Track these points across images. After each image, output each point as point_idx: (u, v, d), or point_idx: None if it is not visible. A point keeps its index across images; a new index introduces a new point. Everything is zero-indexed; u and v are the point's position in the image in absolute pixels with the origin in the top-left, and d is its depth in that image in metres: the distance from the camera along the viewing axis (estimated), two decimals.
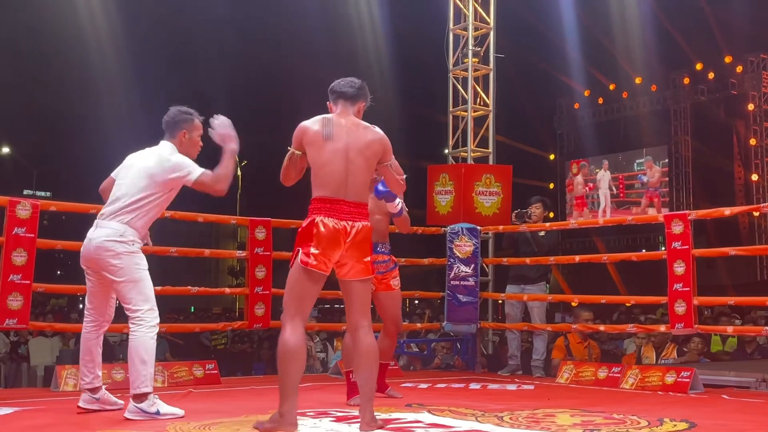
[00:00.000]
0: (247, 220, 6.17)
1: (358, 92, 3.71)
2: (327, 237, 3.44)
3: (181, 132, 4.04)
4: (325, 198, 3.49)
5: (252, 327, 6.18)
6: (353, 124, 3.61)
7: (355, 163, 3.53)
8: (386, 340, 4.83)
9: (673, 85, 18.58)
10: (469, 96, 8.18)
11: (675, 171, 18.32)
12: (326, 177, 3.51)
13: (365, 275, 3.54)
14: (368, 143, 3.58)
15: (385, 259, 4.72)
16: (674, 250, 5.54)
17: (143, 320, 3.83)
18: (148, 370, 3.78)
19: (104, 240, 3.87)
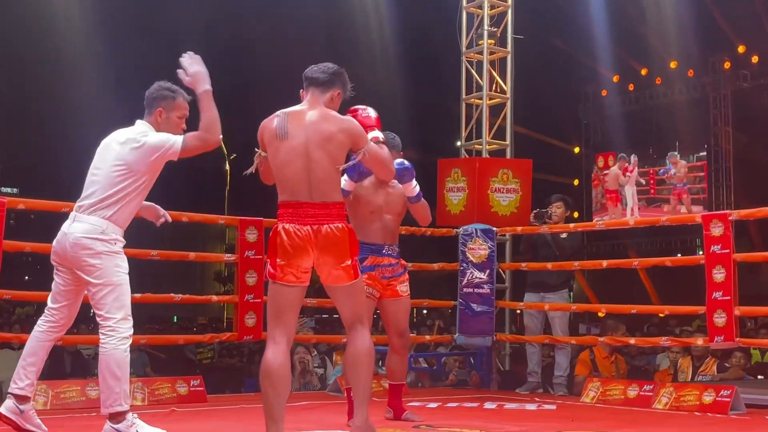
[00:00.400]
0: (236, 219, 6.19)
1: (332, 78, 3.71)
2: (290, 245, 3.48)
3: (158, 110, 3.99)
4: (288, 202, 3.54)
5: (242, 339, 6.19)
6: (315, 116, 3.61)
7: (316, 160, 3.53)
8: (394, 356, 4.81)
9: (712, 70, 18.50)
10: (484, 82, 8.18)
11: (714, 166, 18.24)
12: (286, 179, 3.55)
13: (346, 281, 3.56)
14: (329, 135, 3.57)
15: (392, 263, 4.70)
16: (713, 254, 5.53)
17: (115, 330, 3.76)
18: (122, 387, 3.73)
19: (83, 236, 3.81)
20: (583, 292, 21.89)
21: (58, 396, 5.16)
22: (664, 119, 19.49)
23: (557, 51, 19.22)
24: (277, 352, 3.44)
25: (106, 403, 3.74)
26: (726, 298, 5.46)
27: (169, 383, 5.62)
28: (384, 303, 4.71)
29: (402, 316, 4.75)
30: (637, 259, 6.47)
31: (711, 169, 18.26)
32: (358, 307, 3.65)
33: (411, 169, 4.52)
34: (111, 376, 3.72)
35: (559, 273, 6.69)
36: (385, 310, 4.74)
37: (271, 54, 20.54)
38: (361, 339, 3.58)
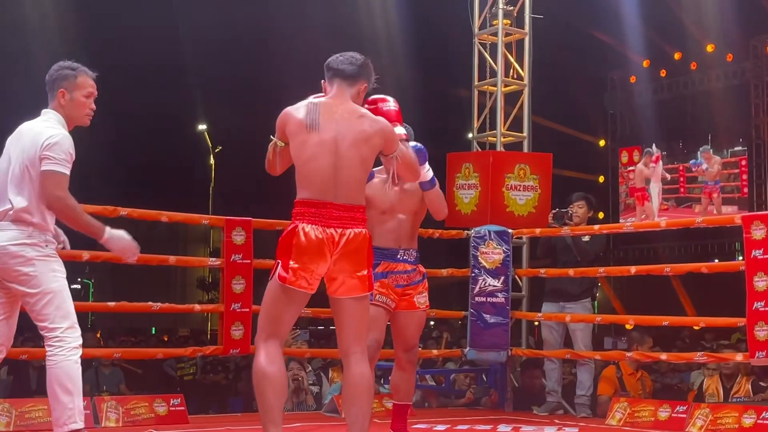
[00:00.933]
0: (222, 219, 6.19)
1: (359, 70, 3.77)
2: (308, 248, 3.55)
3: (60, 92, 4.00)
4: (310, 201, 3.60)
5: (227, 353, 6.19)
6: (347, 111, 3.68)
7: (347, 159, 3.60)
8: (399, 373, 4.76)
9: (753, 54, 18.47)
10: (498, 67, 8.18)
11: (756, 161, 18.23)
12: (311, 175, 3.60)
13: (359, 292, 3.62)
14: (364, 135, 3.65)
15: (408, 269, 4.69)
16: (755, 259, 5.53)
17: (63, 341, 3.78)
18: (75, 402, 3.75)
19: (9, 244, 3.84)
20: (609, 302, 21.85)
21: (22, 416, 5.16)
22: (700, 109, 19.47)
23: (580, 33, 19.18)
24: (272, 355, 3.57)
25: (59, 421, 3.75)
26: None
27: (147, 402, 5.63)
28: (398, 316, 4.69)
29: (414, 330, 4.72)
30: (670, 265, 6.46)
31: (752, 165, 18.23)
32: (362, 328, 3.68)
33: (424, 151, 4.45)
34: (63, 391, 3.73)
35: (582, 280, 6.69)
36: (396, 322, 4.72)
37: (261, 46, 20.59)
38: (363, 367, 3.63)
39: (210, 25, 19.98)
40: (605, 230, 7.15)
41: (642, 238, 19.33)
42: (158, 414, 5.59)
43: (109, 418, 5.38)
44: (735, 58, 18.52)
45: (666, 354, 6.82)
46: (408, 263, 4.68)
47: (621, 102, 20.73)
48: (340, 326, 3.68)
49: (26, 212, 3.85)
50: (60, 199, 3.84)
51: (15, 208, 3.85)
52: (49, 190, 3.83)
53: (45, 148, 3.84)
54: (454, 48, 10.89)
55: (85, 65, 4.11)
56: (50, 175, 3.83)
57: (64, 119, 4.00)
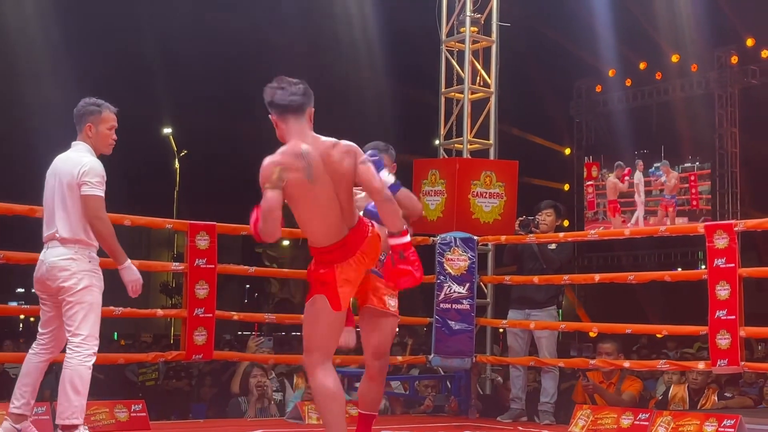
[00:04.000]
0: (186, 224, 6.15)
1: (304, 99, 3.80)
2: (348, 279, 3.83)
3: (87, 126, 4.59)
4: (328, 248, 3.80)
5: (190, 359, 6.16)
6: (323, 147, 3.76)
7: (341, 196, 3.78)
8: (368, 382, 4.49)
9: (718, 65, 18.70)
10: (465, 74, 8.20)
11: (719, 171, 18.43)
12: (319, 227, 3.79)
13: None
14: (343, 162, 3.75)
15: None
16: (717, 268, 5.58)
17: (81, 347, 4.36)
18: (81, 402, 4.31)
19: (58, 259, 4.45)
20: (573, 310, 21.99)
21: None
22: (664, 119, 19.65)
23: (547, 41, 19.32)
24: (333, 375, 3.84)
25: (63, 415, 4.30)
26: (730, 318, 5.51)
27: (107, 408, 5.58)
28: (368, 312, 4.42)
29: (386, 338, 4.46)
30: (633, 273, 6.49)
31: (715, 175, 18.43)
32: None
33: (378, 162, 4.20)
34: (73, 390, 4.29)
35: (547, 288, 6.72)
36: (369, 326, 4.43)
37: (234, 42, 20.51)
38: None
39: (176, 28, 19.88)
40: (570, 238, 7.19)
41: (606, 247, 19.48)
42: (119, 420, 5.54)
43: None
44: (699, 69, 18.71)
45: (629, 362, 6.86)
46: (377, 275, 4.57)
47: (587, 111, 20.87)
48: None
49: (71, 232, 4.45)
50: (100, 219, 4.47)
51: (60, 231, 4.45)
52: (90, 211, 4.44)
53: (82, 175, 4.45)
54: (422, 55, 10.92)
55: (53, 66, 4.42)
56: (90, 199, 4.45)
57: (92, 148, 4.60)
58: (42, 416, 5.13)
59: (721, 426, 5.22)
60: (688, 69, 18.93)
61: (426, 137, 13.52)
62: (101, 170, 4.54)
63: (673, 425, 5.42)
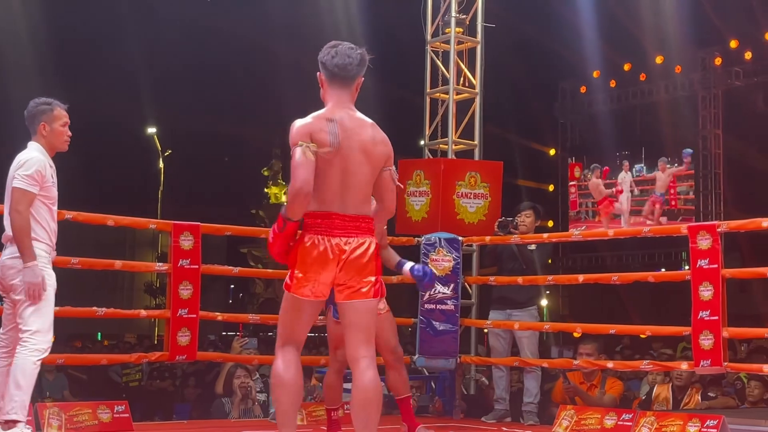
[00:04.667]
0: (170, 224, 6.13)
1: (358, 69, 3.82)
2: (313, 258, 3.68)
3: (41, 125, 4.64)
4: (317, 213, 3.71)
5: (174, 359, 6.14)
6: (359, 122, 3.77)
7: (358, 172, 3.71)
8: (391, 372, 5.17)
9: (701, 67, 18.76)
10: (451, 75, 8.21)
11: (702, 172, 18.51)
12: (321, 187, 3.68)
13: (365, 297, 3.73)
14: (376, 147, 3.76)
15: None
16: (700, 269, 5.60)
17: (28, 341, 4.36)
18: (21, 397, 4.27)
19: (6, 258, 4.50)
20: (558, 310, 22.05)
21: None
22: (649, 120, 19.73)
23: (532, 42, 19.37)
24: (288, 362, 3.75)
25: (3, 410, 4.28)
26: (713, 318, 5.53)
27: (90, 408, 5.55)
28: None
29: (389, 333, 5.12)
30: (617, 274, 6.51)
31: (699, 176, 18.51)
32: (370, 333, 3.78)
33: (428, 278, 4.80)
34: (15, 384, 4.27)
35: (528, 288, 6.73)
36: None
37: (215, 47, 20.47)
38: (372, 373, 3.72)
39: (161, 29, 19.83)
40: (554, 238, 7.20)
41: (590, 247, 19.53)
42: (102, 421, 5.51)
43: (51, 425, 5.29)
44: (683, 70, 18.77)
45: (612, 362, 6.88)
46: None
47: (571, 112, 20.92)
48: (347, 332, 3.78)
49: None
50: (18, 213, 4.42)
51: (6, 230, 4.51)
52: (11, 203, 4.45)
53: (16, 170, 4.48)
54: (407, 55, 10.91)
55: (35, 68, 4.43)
56: (14, 191, 4.44)
57: (45, 147, 4.62)
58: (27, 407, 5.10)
59: (704, 426, 5.24)
60: (672, 70, 19.00)
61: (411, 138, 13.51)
62: (38, 166, 4.51)
63: (657, 425, 5.43)
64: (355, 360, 3.73)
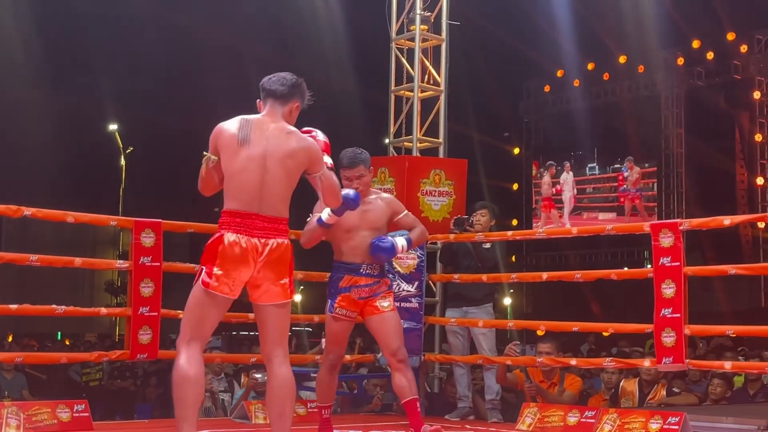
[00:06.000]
0: (131, 221, 6.08)
1: (291, 90, 4.07)
2: (233, 256, 3.82)
3: None
4: (236, 211, 3.87)
5: (135, 358, 6.08)
6: (277, 129, 3.96)
7: (273, 174, 3.87)
8: (396, 375, 5.07)
9: (664, 66, 18.93)
10: (415, 72, 8.21)
11: (665, 171, 18.69)
12: (239, 187, 3.87)
13: (281, 299, 3.91)
14: (291, 152, 3.92)
15: (369, 282, 5.03)
16: (662, 267, 5.64)
17: None
18: None
19: None
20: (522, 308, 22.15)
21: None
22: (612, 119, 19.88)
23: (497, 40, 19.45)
24: (191, 358, 3.79)
25: None
26: (675, 316, 5.57)
27: (49, 408, 5.48)
28: (368, 322, 5.06)
29: (391, 334, 5.05)
30: (580, 272, 6.54)
31: (661, 175, 18.70)
32: (283, 335, 3.96)
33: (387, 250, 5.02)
34: None
35: (483, 285, 6.74)
36: (371, 329, 5.10)
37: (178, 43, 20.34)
38: (286, 369, 3.89)
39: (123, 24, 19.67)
40: (518, 236, 7.22)
41: (554, 246, 19.67)
42: (61, 420, 5.45)
43: (10, 424, 5.22)
44: (646, 70, 18.95)
45: (576, 359, 6.91)
46: (371, 276, 5.03)
47: (535, 111, 21.05)
48: (263, 331, 3.94)
49: None
50: None
51: None
52: None
53: None
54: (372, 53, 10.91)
55: None
56: None
57: None
58: None
59: (666, 423, 5.28)
60: (635, 70, 19.16)
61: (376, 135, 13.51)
62: None
63: (619, 422, 5.47)
64: (269, 358, 3.90)
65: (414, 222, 5.27)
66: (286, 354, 3.92)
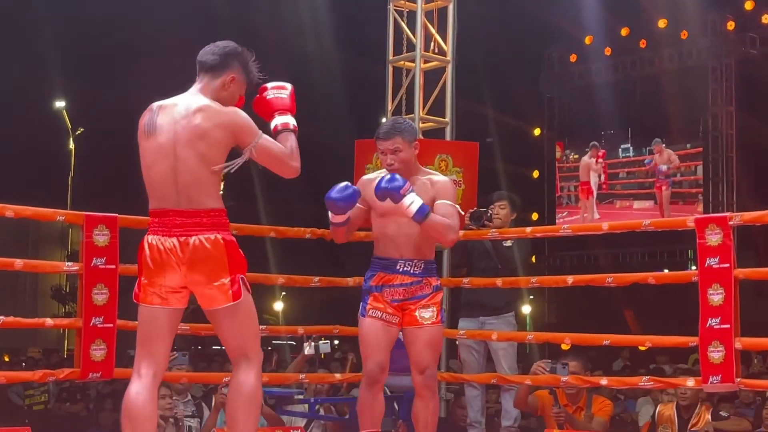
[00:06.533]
0: (81, 215, 6.07)
1: (222, 59, 4.09)
2: (153, 261, 3.94)
3: None
4: (154, 210, 4.01)
5: (86, 377, 6.08)
6: (189, 109, 3.97)
7: (184, 161, 3.93)
8: (416, 400, 4.97)
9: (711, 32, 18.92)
10: (417, 40, 8.22)
11: (712, 155, 18.68)
12: (152, 183, 4.00)
13: (221, 303, 3.94)
14: (200, 133, 3.94)
15: (406, 282, 4.88)
16: (709, 269, 5.65)
17: None
18: None
19: None
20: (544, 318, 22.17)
21: None
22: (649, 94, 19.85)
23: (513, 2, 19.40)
24: (140, 387, 3.91)
25: None
26: (725, 327, 5.58)
27: None
28: (405, 333, 4.95)
29: (424, 351, 4.90)
30: (612, 275, 6.55)
31: (708, 161, 18.68)
32: (242, 337, 4.00)
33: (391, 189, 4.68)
34: None
35: (504, 291, 6.72)
36: (406, 343, 4.98)
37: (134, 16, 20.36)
38: (244, 377, 3.95)
39: None
40: (539, 233, 7.22)
41: (581, 244, 19.65)
42: None
43: None
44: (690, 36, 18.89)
45: (607, 378, 6.92)
46: (409, 275, 4.88)
47: (559, 84, 21.00)
48: (221, 339, 4.08)
49: None
50: None
51: None
52: None
53: None
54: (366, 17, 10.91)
55: None
56: None
57: None
58: None
59: None
60: (677, 36, 19.10)
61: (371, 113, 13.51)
62: None
63: None
64: (233, 363, 4.04)
65: (449, 215, 4.85)
66: (250, 361, 3.98)
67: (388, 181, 4.68)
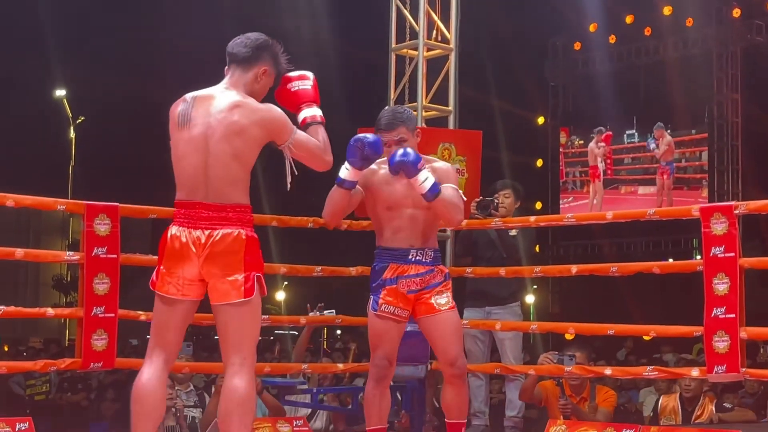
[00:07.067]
0: (82, 205, 6.08)
1: (255, 52, 4.15)
2: (173, 252, 4.00)
3: None
4: (181, 202, 4.05)
5: (87, 367, 6.09)
6: (225, 103, 4.03)
7: (216, 156, 3.99)
8: (447, 388, 4.94)
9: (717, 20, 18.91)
10: (420, 27, 8.20)
11: (717, 144, 18.66)
12: (181, 175, 4.06)
13: (232, 298, 3.98)
14: (238, 129, 4.00)
15: (420, 272, 4.87)
16: (714, 258, 5.64)
17: None
18: None
19: None
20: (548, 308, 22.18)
21: None
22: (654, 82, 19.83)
23: None
24: (151, 373, 4.00)
25: None
26: (730, 316, 5.57)
27: None
28: (422, 323, 4.91)
29: (449, 338, 4.86)
30: (616, 264, 6.54)
31: (713, 149, 18.67)
32: (242, 336, 4.02)
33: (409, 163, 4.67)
34: None
35: (510, 281, 6.73)
36: (426, 333, 4.94)
37: None
38: (237, 382, 3.94)
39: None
40: (543, 222, 7.22)
41: (585, 233, 19.64)
42: None
43: None
44: (696, 23, 18.87)
45: (611, 368, 6.92)
46: (422, 264, 4.88)
47: (563, 72, 20.99)
48: (220, 336, 4.06)
49: None
50: None
51: None
52: None
53: None
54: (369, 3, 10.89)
55: None
56: None
57: None
58: None
59: None
60: (682, 24, 19.08)
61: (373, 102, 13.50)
62: None
63: None
64: (225, 366, 4.01)
65: (453, 197, 4.84)
66: (243, 363, 3.98)
67: (403, 155, 4.69)
